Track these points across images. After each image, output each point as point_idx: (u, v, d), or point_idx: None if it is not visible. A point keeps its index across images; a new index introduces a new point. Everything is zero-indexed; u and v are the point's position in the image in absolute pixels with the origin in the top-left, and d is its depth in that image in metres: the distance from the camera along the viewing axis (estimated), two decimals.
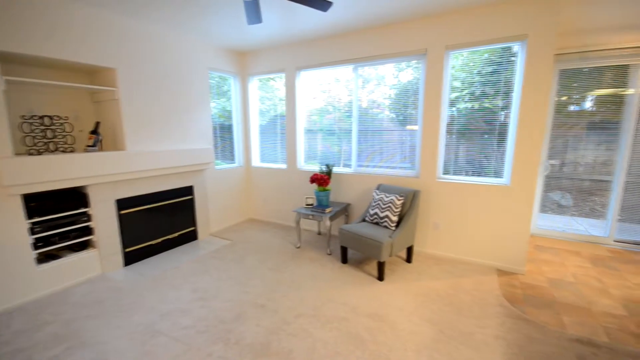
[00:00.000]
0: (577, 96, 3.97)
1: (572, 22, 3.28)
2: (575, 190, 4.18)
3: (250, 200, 5.01)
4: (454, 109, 3.39)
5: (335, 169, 4.07)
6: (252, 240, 4.07)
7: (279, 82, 4.53)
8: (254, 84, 4.71)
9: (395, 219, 3.10)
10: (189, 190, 3.91)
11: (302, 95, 4.29)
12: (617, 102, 3.69)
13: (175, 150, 3.54)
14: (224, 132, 4.63)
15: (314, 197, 3.73)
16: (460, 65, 3.33)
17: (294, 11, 3.03)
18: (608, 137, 3.79)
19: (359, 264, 3.30)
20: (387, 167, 3.84)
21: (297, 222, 3.67)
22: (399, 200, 3.10)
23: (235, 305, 2.57)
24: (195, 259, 3.48)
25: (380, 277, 2.94)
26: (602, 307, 2.53)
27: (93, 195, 2.98)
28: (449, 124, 3.40)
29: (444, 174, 3.48)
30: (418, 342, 2.11)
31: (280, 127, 4.57)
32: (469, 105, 3.35)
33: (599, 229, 4.00)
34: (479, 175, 3.33)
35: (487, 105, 3.25)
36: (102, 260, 3.11)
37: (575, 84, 3.92)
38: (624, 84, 3.60)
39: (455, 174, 3.45)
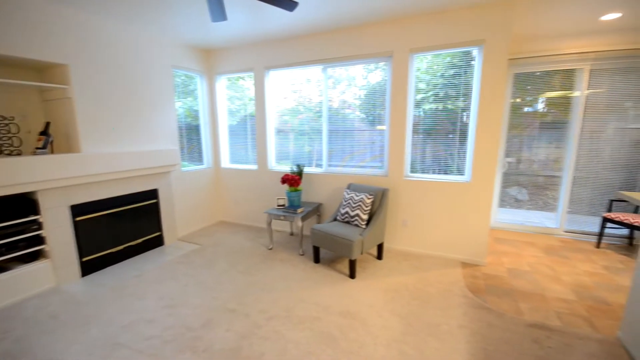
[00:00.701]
0: (530, 98, 4.28)
1: (525, 30, 3.52)
2: (530, 186, 4.50)
3: (220, 203, 4.88)
4: (420, 109, 3.52)
5: (306, 169, 4.08)
6: (222, 243, 3.97)
7: (248, 82, 4.46)
8: (222, 83, 4.59)
9: (365, 217, 3.15)
10: (153, 193, 3.74)
11: (272, 95, 4.25)
12: (565, 104, 4.02)
13: (138, 151, 3.36)
14: (191, 132, 4.47)
15: (286, 197, 3.71)
16: (425, 68, 3.47)
17: (260, 10, 2.99)
18: (558, 136, 4.11)
19: (331, 263, 3.33)
20: (358, 166, 3.90)
21: (269, 224, 3.63)
22: (369, 199, 3.17)
23: (204, 312, 2.48)
24: (161, 266, 3.33)
25: (352, 275, 2.98)
26: (554, 293, 2.74)
27: (43, 202, 2.75)
28: (416, 124, 3.52)
29: (411, 172, 3.60)
30: (388, 337, 2.17)
31: (251, 127, 4.50)
32: (433, 106, 3.49)
33: (551, 220, 4.33)
34: (445, 173, 3.48)
35: (450, 106, 3.40)
36: (57, 271, 2.88)
37: (528, 87, 4.22)
38: (570, 87, 3.93)
39: (423, 172, 3.58)
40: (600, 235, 3.74)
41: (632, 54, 3.53)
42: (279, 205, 3.71)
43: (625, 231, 3.83)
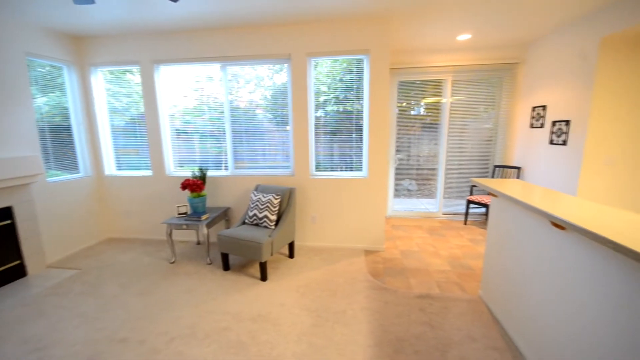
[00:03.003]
0: (414, 103, 4.97)
1: (402, 43, 4.07)
2: (418, 178, 5.24)
3: (107, 217, 4.18)
4: (324, 111, 3.71)
5: (211, 173, 3.84)
6: (110, 263, 3.40)
7: (139, 77, 3.91)
8: (100, 76, 3.92)
9: (274, 218, 3.15)
10: (6, 213, 2.95)
11: (168, 92, 3.85)
12: (437, 108, 4.81)
13: None
14: (60, 134, 3.68)
15: (188, 204, 3.41)
16: (326, 72, 3.67)
17: None
18: (434, 135, 4.90)
19: (242, 268, 3.22)
20: (265, 167, 3.88)
21: (169, 235, 3.28)
22: (276, 199, 3.18)
23: (85, 348, 2.08)
24: (23, 302, 2.66)
25: (264, 278, 2.94)
26: (435, 267, 3.25)
27: None
28: (322, 125, 3.69)
29: (317, 170, 3.76)
30: (298, 332, 2.22)
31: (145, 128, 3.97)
32: (335, 108, 3.72)
33: (433, 206, 5.14)
34: (349, 170, 3.76)
35: (349, 108, 3.68)
36: None
37: (412, 93, 4.90)
38: (440, 94, 4.73)
39: (328, 170, 3.78)
40: (466, 214, 4.63)
41: (481, 68, 4.46)
42: (180, 214, 3.39)
43: (483, 209, 4.83)
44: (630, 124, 3.10)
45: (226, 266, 3.14)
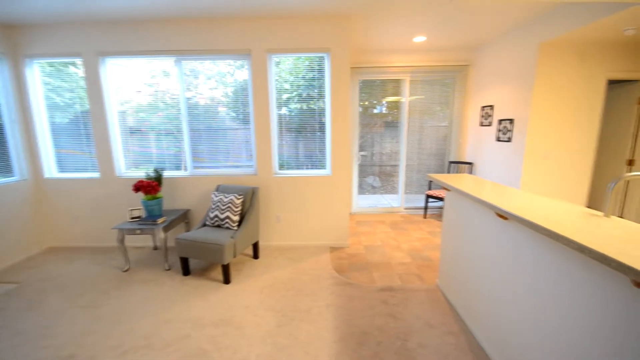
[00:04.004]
0: (375, 101, 5.10)
1: (362, 43, 4.16)
2: (381, 174, 5.40)
3: (49, 224, 3.79)
4: (287, 109, 3.67)
5: (168, 173, 3.64)
6: (54, 275, 3.10)
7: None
8: (37, 69, 3.53)
9: (236, 218, 3.07)
10: None
11: (116, 87, 3.57)
12: (397, 107, 4.98)
13: None
14: None
15: (142, 207, 3.20)
16: (289, 69, 3.63)
17: None
18: (395, 133, 5.07)
19: (204, 272, 3.09)
20: (227, 166, 3.76)
21: (121, 241, 3.06)
22: (238, 199, 3.09)
23: None
24: None
25: (227, 280, 2.85)
26: (397, 260, 3.38)
27: None
28: (286, 123, 3.65)
29: (280, 169, 3.72)
30: (263, 333, 2.18)
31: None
32: (298, 106, 3.70)
33: (395, 201, 5.33)
34: (314, 168, 3.76)
35: (312, 106, 3.68)
36: None
37: (373, 92, 5.02)
38: (400, 93, 4.90)
39: (292, 168, 3.76)
40: (426, 208, 4.87)
41: (436, 69, 4.69)
42: (132, 218, 3.17)
43: (440, 203, 5.10)
44: (563, 122, 3.45)
45: (186, 271, 2.99)
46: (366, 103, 5.05)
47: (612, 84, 3.66)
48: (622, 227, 1.28)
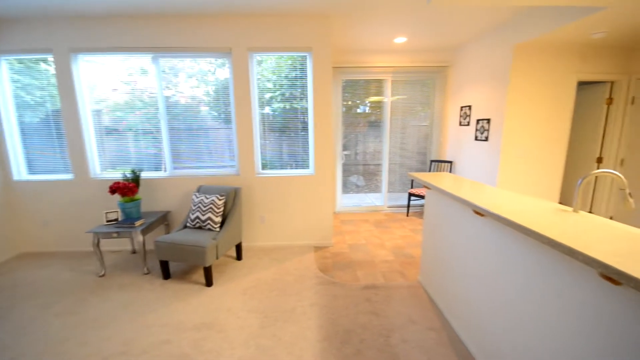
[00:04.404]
0: (358, 101, 5.14)
1: (344, 43, 4.18)
2: (365, 173, 5.44)
3: (19, 228, 3.60)
4: (270, 108, 3.63)
5: (147, 174, 3.53)
6: (25, 282, 2.95)
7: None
8: (4, 66, 3.35)
9: (218, 219, 3.02)
10: None
11: (91, 85, 3.43)
12: (380, 107, 5.04)
13: None
14: None
15: (119, 210, 3.10)
16: (271, 68, 3.59)
17: None
18: (379, 132, 5.12)
19: (185, 275, 3.02)
20: (209, 167, 3.69)
21: (96, 245, 2.94)
22: (220, 199, 3.04)
23: None
24: None
25: (209, 283, 2.80)
26: (380, 258, 3.42)
27: None
28: (270, 122, 3.62)
29: (264, 169, 3.69)
30: (246, 336, 2.16)
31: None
32: (281, 105, 3.67)
33: (379, 199, 5.39)
34: (298, 168, 3.74)
35: (295, 105, 3.66)
36: None
37: (357, 92, 5.05)
38: (382, 93, 4.95)
39: (276, 168, 3.73)
40: (408, 206, 4.95)
41: (416, 70, 4.77)
42: (109, 221, 3.05)
43: (422, 201, 5.19)
44: (537, 122, 3.59)
45: (166, 274, 2.92)
46: (349, 103, 5.08)
47: (582, 85, 3.84)
48: (589, 222, 1.34)
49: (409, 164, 5.22)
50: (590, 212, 4.01)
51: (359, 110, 5.18)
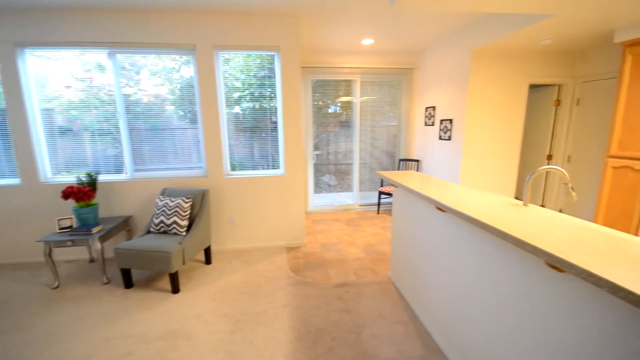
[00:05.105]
0: (329, 101, 5.17)
1: (313, 43, 4.19)
2: (337, 173, 5.49)
3: None
4: (240, 107, 3.55)
5: (105, 177, 3.32)
6: None
7: None
8: None
9: (184, 223, 2.90)
10: None
11: (40, 82, 3.16)
12: (350, 107, 5.11)
13: None
14: None
15: (73, 216, 2.88)
16: (240, 67, 3.51)
17: None
18: (349, 132, 5.19)
19: (149, 282, 2.88)
20: (175, 168, 3.54)
21: (48, 255, 2.71)
22: (187, 202, 2.93)
23: None
24: None
25: (175, 290, 2.69)
26: (352, 256, 3.47)
27: None
28: (239, 122, 3.54)
29: (233, 170, 3.60)
30: (215, 342, 2.09)
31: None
32: (250, 104, 3.60)
33: (350, 198, 5.47)
34: (269, 168, 3.69)
35: (265, 105, 3.61)
36: None
37: (327, 92, 5.08)
38: (352, 94, 5.03)
39: (246, 169, 3.65)
40: (379, 204, 5.07)
41: (384, 71, 4.90)
42: (62, 228, 2.83)
43: (392, 199, 5.34)
44: (494, 122, 3.83)
45: (128, 283, 2.76)
46: (320, 103, 5.10)
47: (533, 88, 4.15)
48: (537, 214, 1.45)
49: (380, 163, 5.34)
50: (542, 205, 4.34)
51: (330, 110, 5.22)
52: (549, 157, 4.24)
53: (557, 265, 1.01)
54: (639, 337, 0.89)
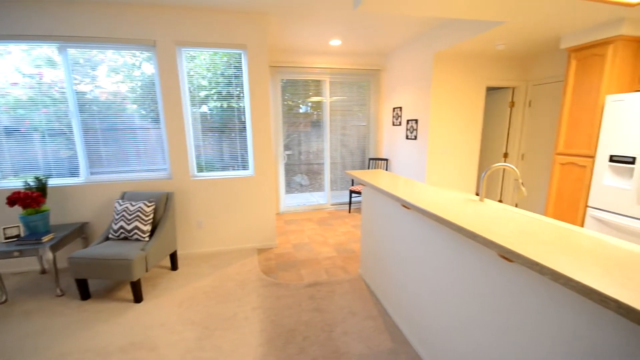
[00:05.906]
0: (300, 101, 5.16)
1: (281, 42, 4.16)
2: (309, 172, 5.49)
3: None
4: (207, 106, 3.44)
5: (57, 181, 3.08)
6: None
7: None
8: None
9: (147, 228, 2.76)
10: None
11: None
12: (320, 107, 5.13)
13: None
14: None
15: (20, 224, 2.64)
16: (205, 65, 3.39)
17: None
18: (320, 132, 5.21)
19: (109, 292, 2.71)
20: (137, 170, 3.35)
21: None
22: (149, 206, 2.79)
23: None
24: None
25: (138, 299, 2.55)
26: (323, 255, 3.49)
27: None
28: (207, 122, 3.42)
29: (201, 171, 3.49)
30: (182, 350, 2.02)
31: None
32: (218, 104, 3.50)
33: (322, 198, 5.50)
34: (238, 169, 3.60)
35: (233, 105, 3.52)
36: None
37: (297, 92, 5.06)
38: (322, 94, 5.05)
39: (223, 170, 3.55)
40: (350, 203, 5.15)
41: (352, 72, 4.97)
42: (8, 238, 2.58)
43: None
44: (455, 122, 4.02)
45: (85, 294, 2.57)
46: (290, 102, 5.07)
47: (490, 90, 4.41)
48: (491, 209, 1.54)
49: (350, 162, 5.42)
50: (500, 200, 4.63)
51: (300, 110, 5.21)
52: (505, 155, 4.53)
53: (507, 255, 1.08)
54: (575, 317, 0.97)
